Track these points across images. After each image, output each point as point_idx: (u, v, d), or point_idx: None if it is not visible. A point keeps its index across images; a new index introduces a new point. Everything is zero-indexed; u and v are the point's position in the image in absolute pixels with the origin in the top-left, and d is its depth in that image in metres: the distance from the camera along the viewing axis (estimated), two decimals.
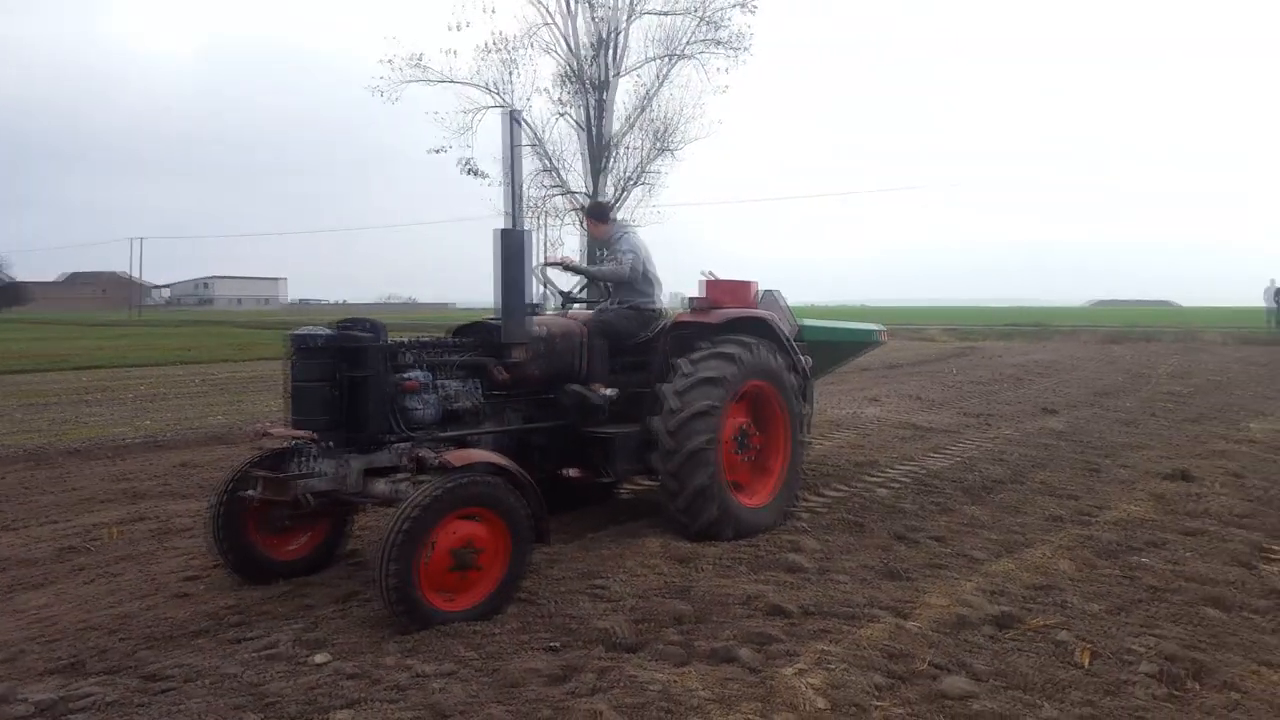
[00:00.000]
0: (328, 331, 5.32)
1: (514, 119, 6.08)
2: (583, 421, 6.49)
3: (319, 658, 4.21)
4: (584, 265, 7.60)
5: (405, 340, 5.73)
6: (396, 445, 5.29)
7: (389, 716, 3.55)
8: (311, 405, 5.17)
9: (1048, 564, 5.64)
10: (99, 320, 63.45)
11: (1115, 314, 78.46)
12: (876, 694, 3.84)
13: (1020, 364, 24.00)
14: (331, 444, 5.26)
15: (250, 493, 5.26)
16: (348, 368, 5.20)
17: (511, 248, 5.88)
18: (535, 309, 6.98)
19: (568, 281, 7.52)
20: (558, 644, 4.48)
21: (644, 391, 6.60)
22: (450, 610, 4.66)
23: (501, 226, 6.03)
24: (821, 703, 3.66)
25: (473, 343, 6.15)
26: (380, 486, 5.19)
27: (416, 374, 5.52)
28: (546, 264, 7.26)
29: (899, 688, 3.94)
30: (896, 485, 8.38)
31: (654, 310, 7.25)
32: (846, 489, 8.27)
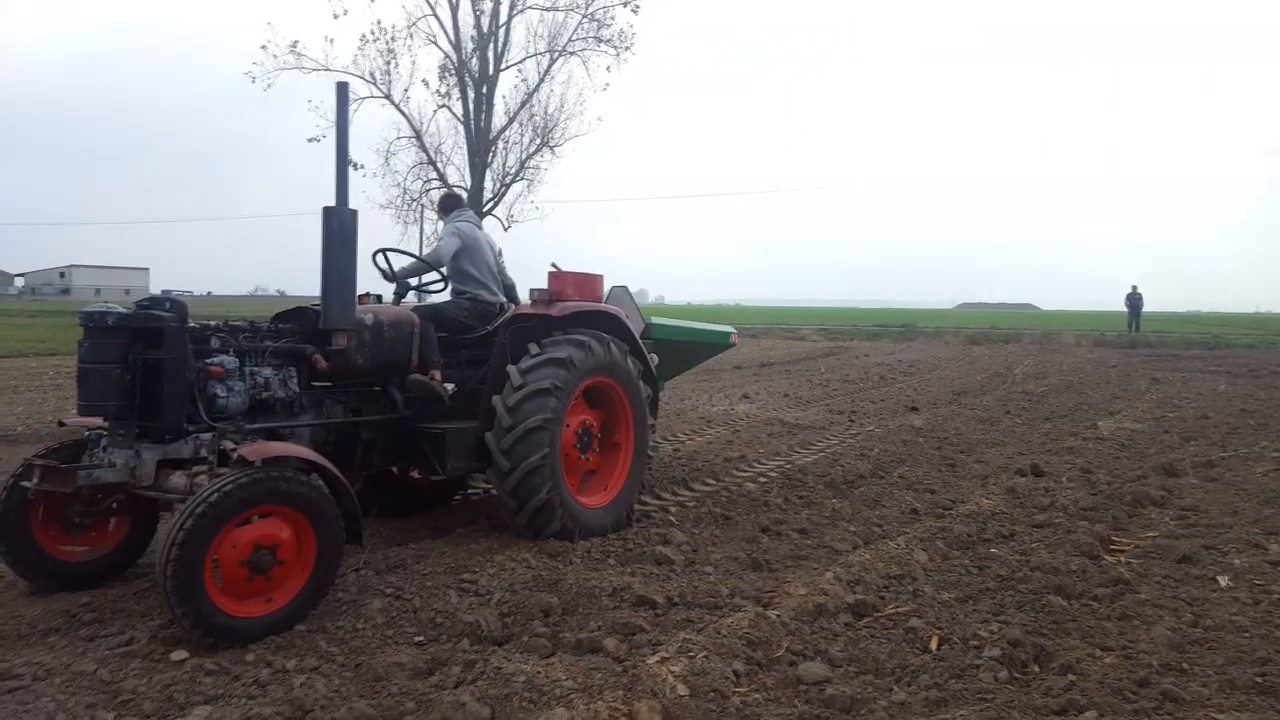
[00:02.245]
0: (122, 309, 4.88)
1: (342, 90, 5.80)
2: (418, 416, 6.19)
3: (177, 654, 4.08)
4: (413, 253, 7.17)
5: (213, 323, 5.32)
6: (198, 436, 4.85)
7: (249, 712, 3.48)
8: (101, 389, 4.70)
9: (904, 555, 5.83)
10: None
11: (978, 316, 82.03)
12: (736, 680, 3.95)
13: (886, 364, 24.91)
14: (123, 433, 4.79)
15: (27, 484, 4.78)
16: (143, 349, 4.77)
17: (336, 227, 5.52)
18: (378, 300, 6.68)
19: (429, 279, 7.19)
20: (423, 638, 4.48)
21: (482, 387, 6.33)
22: (247, 617, 4.29)
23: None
24: (683, 690, 3.74)
25: (291, 329, 5.72)
26: (176, 480, 4.70)
27: (222, 359, 5.12)
28: (377, 252, 6.90)
29: (758, 674, 4.07)
30: (765, 480, 8.59)
31: (494, 304, 7.05)
32: (716, 483, 8.45)
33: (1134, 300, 40.87)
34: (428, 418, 6.19)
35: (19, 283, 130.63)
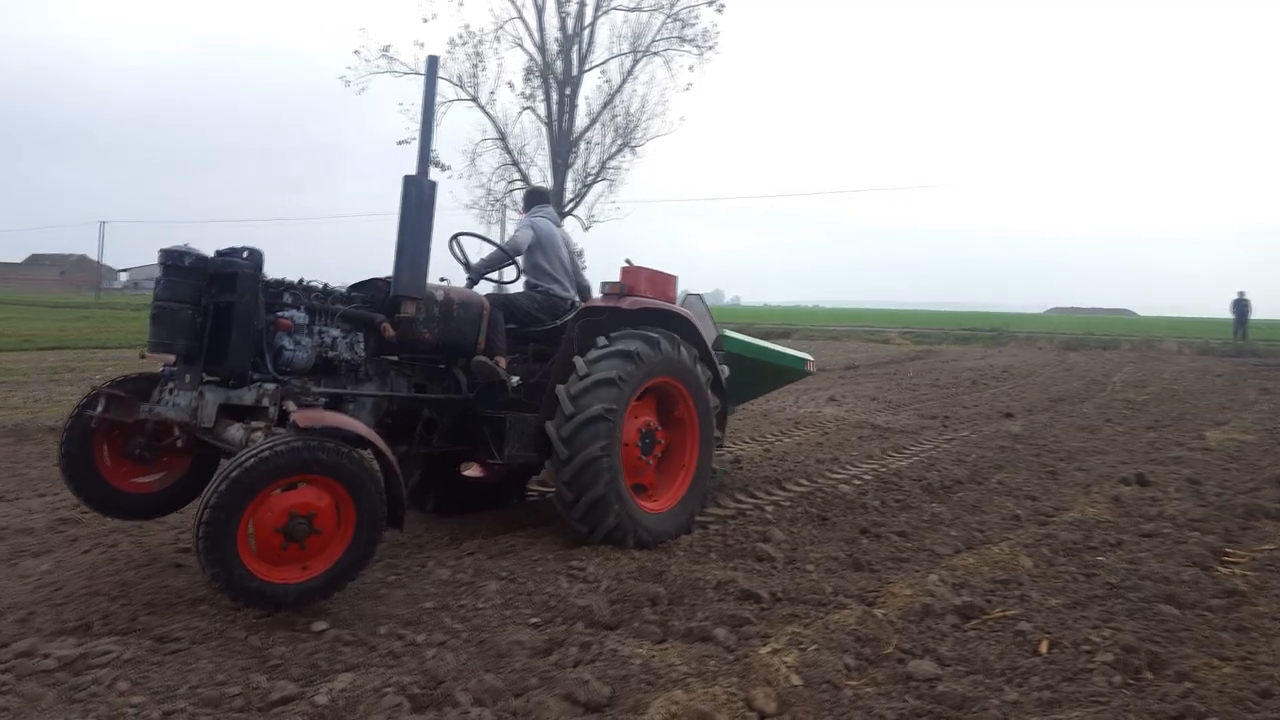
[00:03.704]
0: (201, 251, 4.93)
1: (432, 64, 5.84)
2: (480, 400, 6.15)
3: (318, 625, 4.32)
4: (488, 237, 7.18)
5: (287, 279, 5.34)
6: (261, 385, 4.85)
7: (388, 680, 3.68)
8: (171, 328, 4.73)
9: (1008, 560, 5.79)
10: (59, 302, 62.42)
11: (1072, 321, 79.60)
12: (848, 674, 4.02)
13: (977, 368, 24.41)
14: (189, 374, 4.82)
15: (91, 412, 4.90)
16: (217, 292, 4.82)
17: (414, 196, 5.53)
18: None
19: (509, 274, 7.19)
20: (539, 620, 4.65)
21: (547, 380, 6.18)
22: (282, 583, 4.29)
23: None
24: (796, 680, 3.83)
25: (364, 297, 5.74)
26: (233, 432, 4.73)
27: (292, 314, 5.15)
28: (454, 238, 6.94)
29: (869, 669, 4.13)
30: (859, 482, 8.58)
31: (565, 299, 7.02)
32: (810, 484, 8.47)
33: (1240, 307, 39.29)
34: (491, 403, 6.15)
35: (123, 278, 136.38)
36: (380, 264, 5.81)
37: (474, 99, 33.38)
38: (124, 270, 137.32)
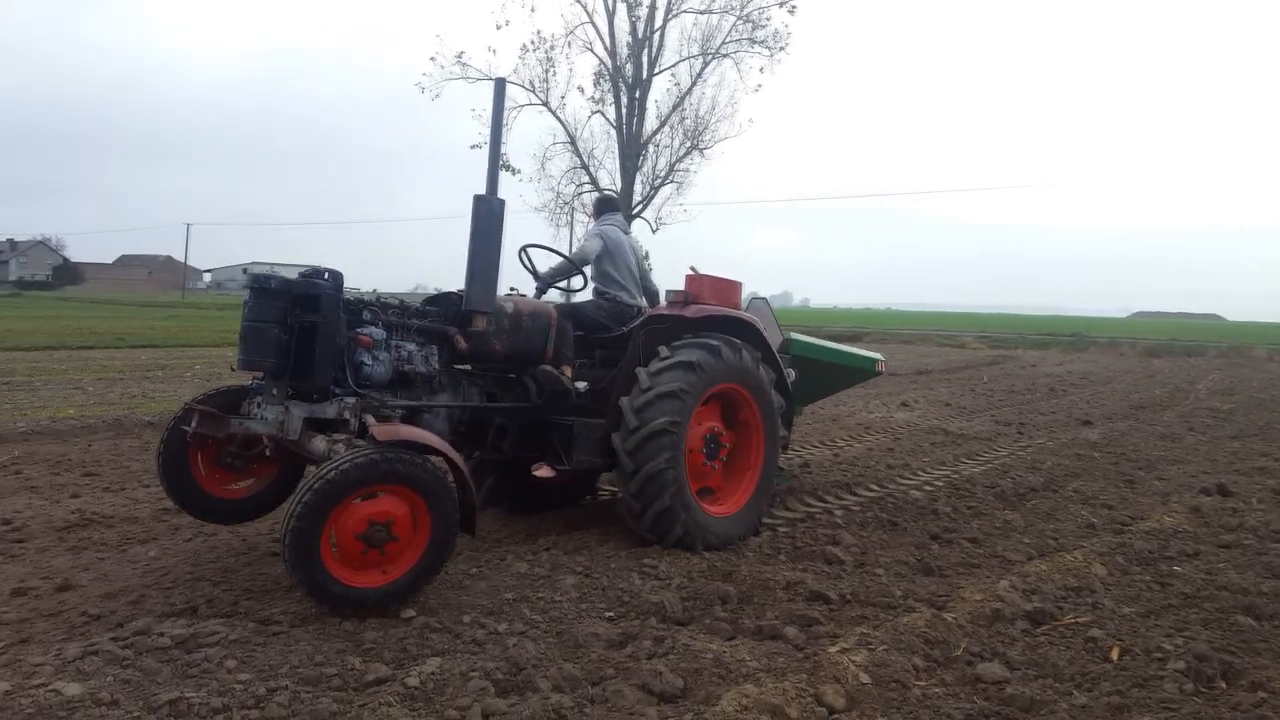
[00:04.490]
0: (285, 275, 5.20)
1: (500, 87, 6.04)
2: (549, 407, 6.35)
3: (407, 613, 4.56)
4: (557, 249, 7.25)
5: (365, 298, 5.62)
6: (343, 399, 5.12)
7: (473, 666, 3.90)
8: (259, 346, 5.01)
9: (1081, 568, 5.77)
10: (148, 301, 65.00)
11: (1156, 326, 76.97)
12: (916, 674, 4.10)
13: (1056, 374, 23.96)
14: (276, 390, 5.11)
15: (185, 427, 5.21)
16: (301, 312, 5.08)
17: (484, 213, 5.75)
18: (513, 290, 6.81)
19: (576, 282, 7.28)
20: (614, 614, 4.83)
21: (613, 388, 6.30)
22: (364, 587, 4.49)
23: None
24: (865, 678, 3.93)
25: (437, 311, 5.99)
26: (317, 444, 4.97)
27: (371, 330, 5.42)
28: (523, 249, 7.03)
29: (937, 670, 4.20)
30: (931, 488, 8.58)
31: (632, 306, 7.14)
32: (880, 489, 8.48)
33: None
34: (559, 410, 6.32)
35: (207, 278, 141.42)
36: (452, 264, 6.03)
37: (545, 103, 33.80)
38: (208, 271, 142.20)
